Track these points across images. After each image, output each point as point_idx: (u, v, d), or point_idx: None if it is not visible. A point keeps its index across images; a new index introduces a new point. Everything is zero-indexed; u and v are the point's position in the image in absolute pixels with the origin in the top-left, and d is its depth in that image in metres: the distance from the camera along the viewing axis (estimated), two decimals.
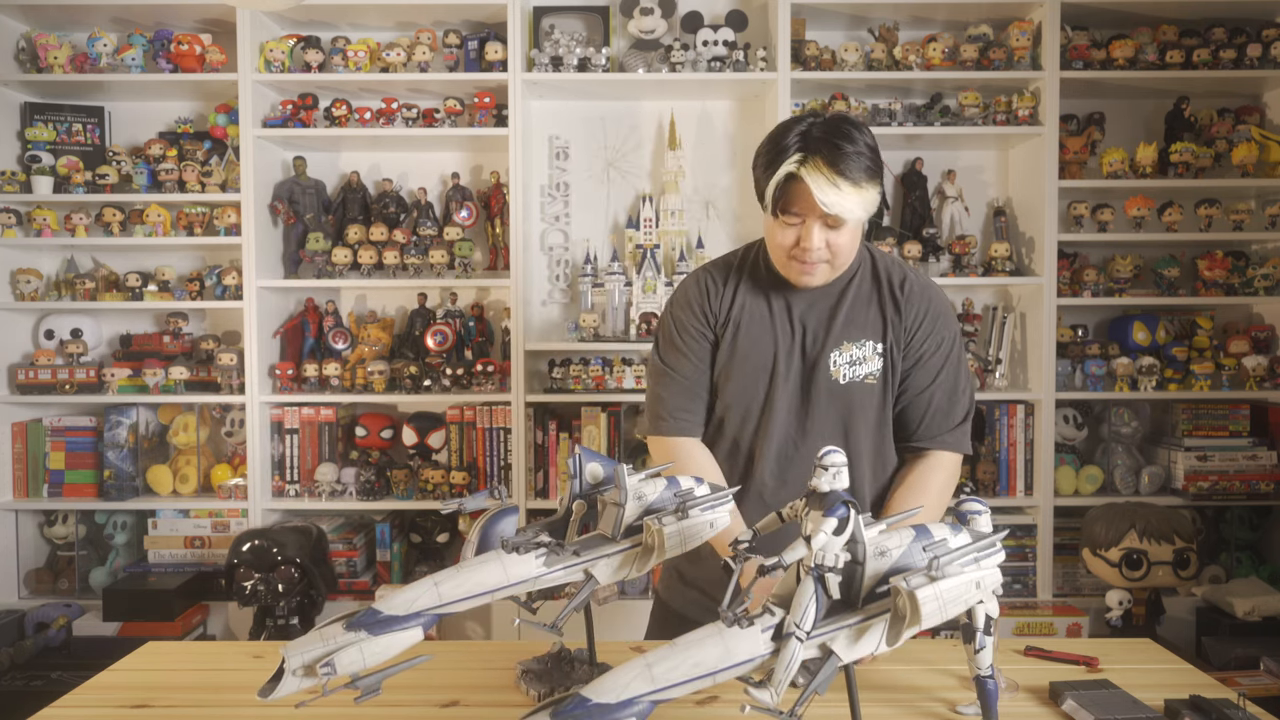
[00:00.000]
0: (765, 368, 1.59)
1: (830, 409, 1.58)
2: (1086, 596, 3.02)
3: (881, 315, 1.59)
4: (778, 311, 1.61)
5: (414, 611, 1.02)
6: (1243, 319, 3.23)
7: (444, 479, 3.02)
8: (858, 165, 1.44)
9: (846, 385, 1.57)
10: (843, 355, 1.57)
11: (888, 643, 1.01)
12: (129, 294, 3.08)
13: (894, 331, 1.59)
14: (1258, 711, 1.18)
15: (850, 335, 1.58)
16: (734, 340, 1.61)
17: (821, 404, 1.58)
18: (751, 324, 1.61)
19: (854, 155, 1.44)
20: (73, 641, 2.88)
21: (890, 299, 1.60)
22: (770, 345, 1.59)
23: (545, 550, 1.12)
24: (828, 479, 1.00)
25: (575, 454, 1.25)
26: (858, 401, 1.58)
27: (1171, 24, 3.03)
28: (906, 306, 1.59)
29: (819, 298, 1.60)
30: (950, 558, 1.01)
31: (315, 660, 0.97)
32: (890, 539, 1.04)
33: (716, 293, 1.63)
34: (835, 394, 1.57)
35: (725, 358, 1.61)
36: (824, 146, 1.43)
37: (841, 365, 1.57)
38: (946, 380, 1.60)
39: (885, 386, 1.59)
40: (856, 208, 1.45)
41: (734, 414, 1.62)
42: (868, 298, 1.61)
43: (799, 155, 1.44)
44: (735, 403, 1.61)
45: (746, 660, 0.95)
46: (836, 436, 1.58)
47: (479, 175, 3.25)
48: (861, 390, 1.58)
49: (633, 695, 0.90)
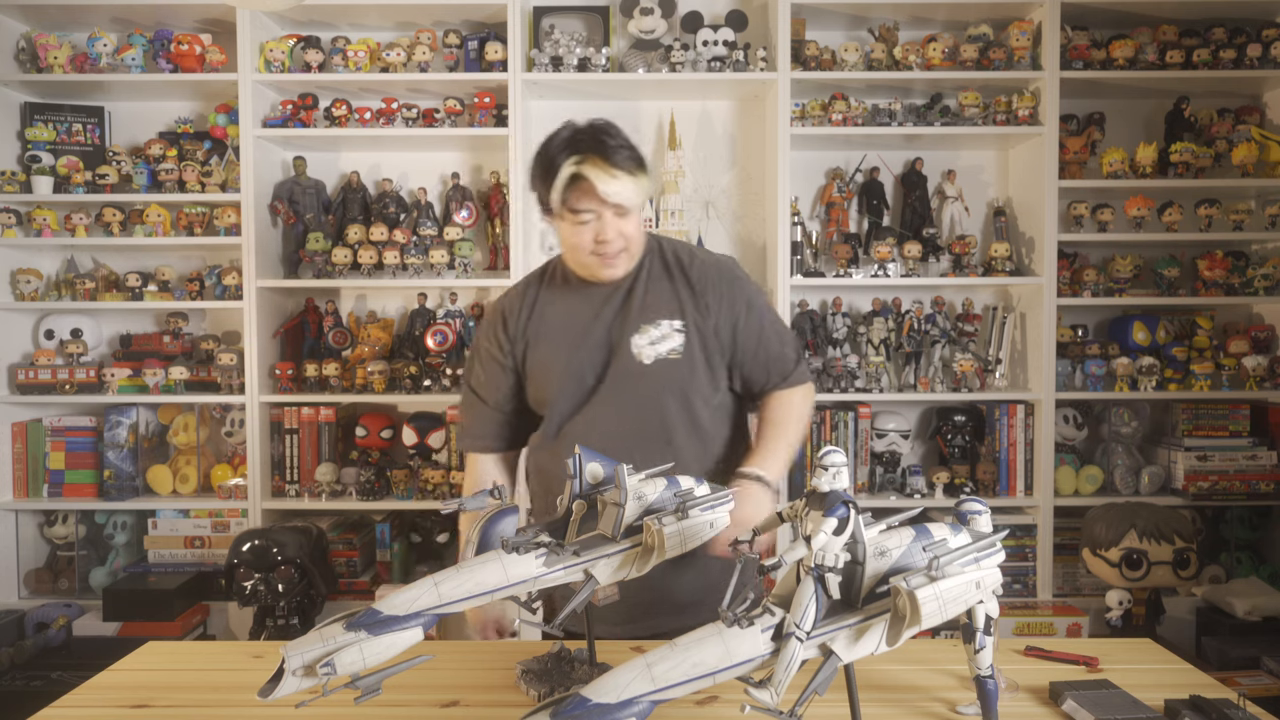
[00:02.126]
0: (573, 364, 1.68)
1: (641, 387, 1.66)
2: (1086, 596, 3.02)
3: (676, 295, 1.69)
4: (576, 313, 1.70)
5: (414, 611, 1.02)
6: (1243, 319, 3.23)
7: (444, 479, 3.02)
8: (625, 156, 1.58)
9: (652, 364, 1.65)
10: (643, 337, 1.66)
11: (888, 643, 1.01)
12: (129, 294, 3.08)
13: (693, 307, 1.68)
14: (1258, 711, 1.18)
15: (647, 318, 1.67)
16: (538, 350, 1.71)
17: (631, 384, 1.66)
18: (551, 331, 1.71)
19: (619, 148, 1.58)
20: (73, 641, 2.88)
21: (682, 278, 1.71)
22: (571, 345, 1.69)
23: (545, 550, 1.12)
24: (827, 479, 1.00)
25: (575, 454, 1.25)
26: (664, 376, 1.66)
27: (1171, 24, 3.03)
28: (700, 282, 1.70)
29: (612, 292, 1.70)
30: (950, 558, 1.01)
31: (315, 660, 0.97)
32: (890, 539, 1.04)
33: (514, 313, 1.74)
34: (643, 374, 1.65)
35: (534, 368, 1.71)
36: (592, 145, 1.57)
37: (643, 347, 1.66)
38: (771, 330, 1.73)
39: (691, 359, 1.67)
40: (635, 194, 1.59)
41: (555, 414, 1.70)
42: (659, 280, 1.71)
43: (575, 157, 1.56)
44: (553, 404, 1.69)
45: (746, 660, 0.95)
46: (652, 410, 1.66)
47: (479, 175, 3.25)
48: (667, 365, 1.66)
49: (633, 695, 0.90)
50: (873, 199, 3.17)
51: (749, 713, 0.94)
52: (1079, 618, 2.82)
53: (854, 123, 3.00)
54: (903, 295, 3.14)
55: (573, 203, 1.58)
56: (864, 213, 3.19)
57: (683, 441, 1.66)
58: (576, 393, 1.68)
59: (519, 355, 1.73)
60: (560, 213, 1.61)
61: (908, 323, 3.06)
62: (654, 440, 1.65)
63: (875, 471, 3.08)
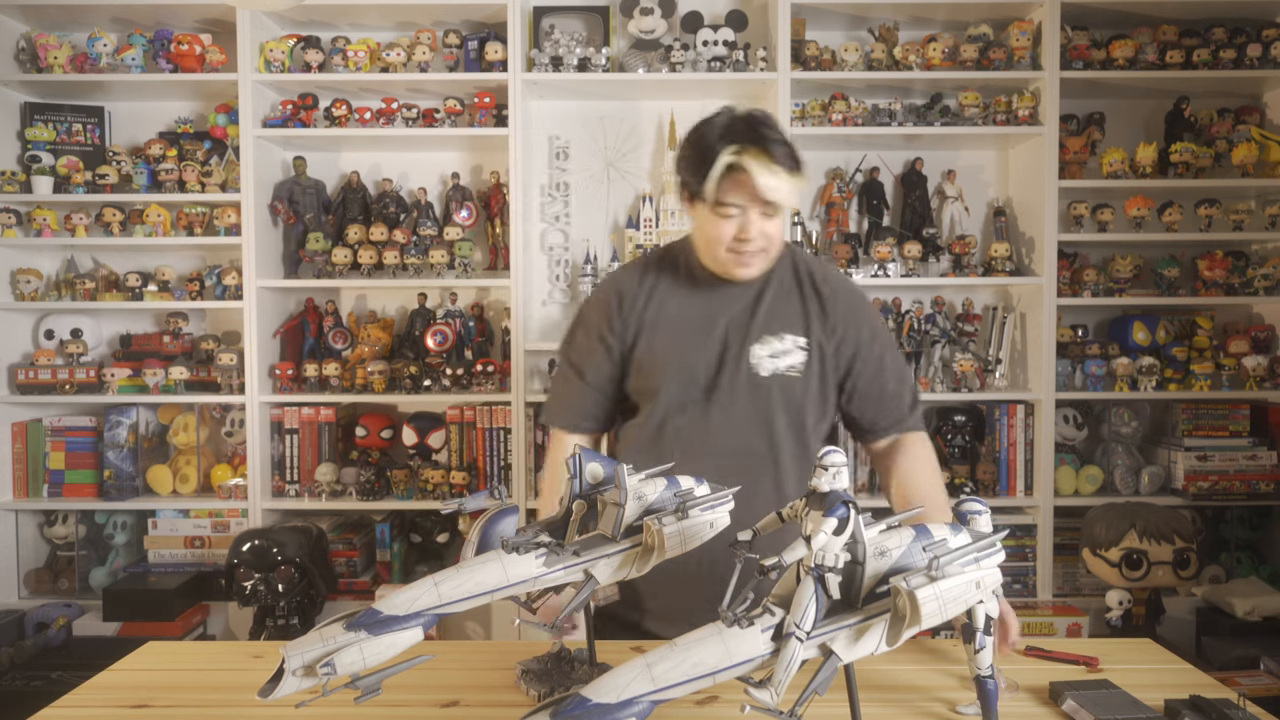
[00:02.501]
0: (684, 364, 1.62)
1: (751, 401, 1.60)
2: (1086, 596, 3.01)
3: (804, 310, 1.63)
4: (697, 309, 1.64)
5: (414, 611, 1.02)
6: (1243, 319, 3.23)
7: (444, 479, 3.02)
8: (785, 153, 1.50)
9: (769, 377, 1.60)
10: (764, 348, 1.60)
11: (888, 643, 1.01)
12: (129, 294, 3.08)
13: (819, 326, 1.63)
14: (1258, 711, 1.18)
15: (771, 329, 1.61)
16: (651, 340, 1.64)
17: (742, 397, 1.60)
18: (669, 323, 1.64)
19: (780, 144, 1.50)
20: (73, 641, 2.88)
21: (813, 295, 1.65)
22: (689, 342, 1.62)
23: (545, 550, 1.12)
24: (827, 479, 1.00)
25: (575, 454, 1.25)
26: (779, 392, 1.60)
27: (1171, 24, 3.03)
28: (831, 302, 1.64)
29: (739, 294, 1.63)
30: (950, 558, 1.01)
31: (315, 660, 0.97)
32: (890, 539, 1.04)
33: (630, 296, 1.67)
34: (758, 386, 1.60)
35: (643, 356, 1.64)
36: (754, 136, 1.49)
37: (763, 358, 1.60)
38: (891, 366, 1.67)
39: (808, 379, 1.62)
40: (792, 193, 1.51)
41: (658, 411, 1.64)
42: (789, 292, 1.65)
43: (734, 146, 1.49)
44: (658, 401, 1.63)
45: (747, 660, 0.95)
46: (758, 429, 1.60)
47: (479, 175, 3.25)
48: (783, 382, 1.60)
49: (633, 695, 0.90)
50: (873, 199, 3.17)
51: (749, 713, 0.94)
52: (1079, 618, 2.82)
53: (854, 123, 3.00)
54: (903, 295, 3.14)
55: (723, 194, 1.51)
56: (864, 213, 3.19)
57: (789, 462, 1.61)
58: (686, 394, 1.62)
59: (629, 341, 1.65)
60: (707, 202, 1.53)
61: (908, 323, 3.06)
62: (762, 458, 1.61)
63: (875, 472, 3.08)
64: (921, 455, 1.67)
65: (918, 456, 1.66)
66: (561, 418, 1.72)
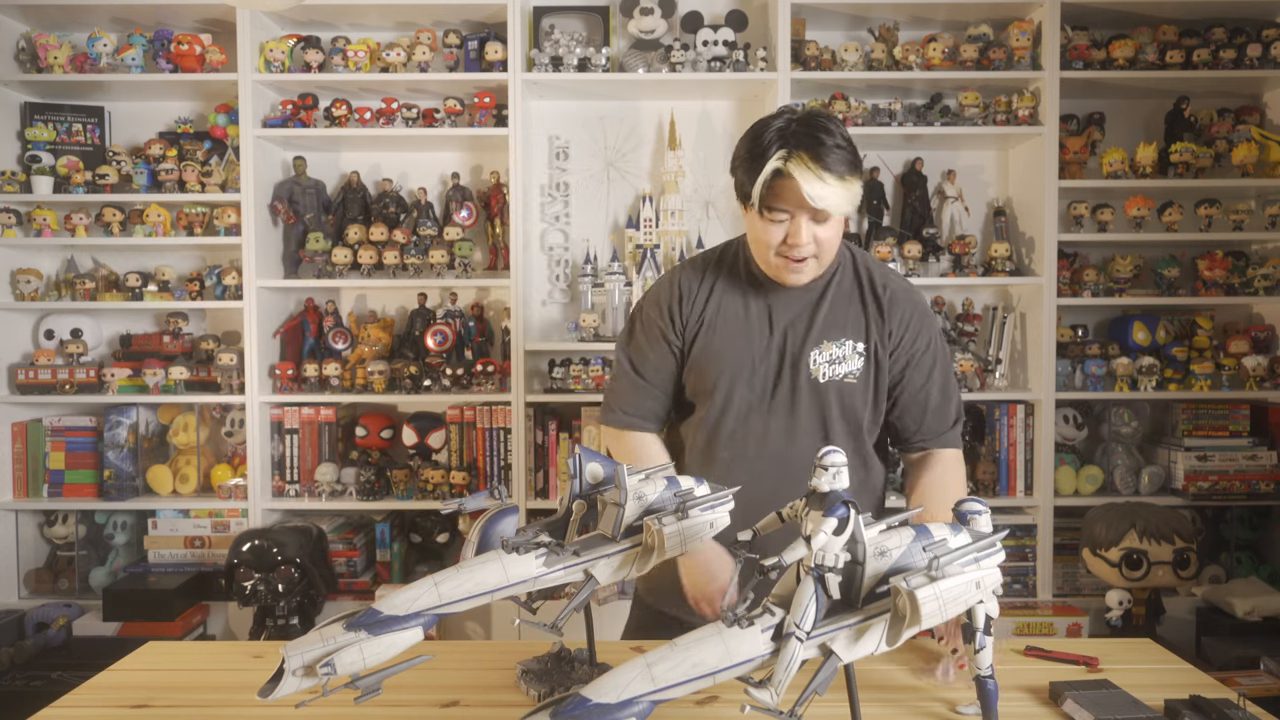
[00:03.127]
0: (742, 366, 1.59)
1: (809, 408, 1.58)
2: (1086, 596, 3.01)
3: (864, 315, 1.61)
4: (756, 310, 1.61)
5: (414, 611, 1.02)
6: (1243, 319, 3.23)
7: (444, 479, 3.02)
8: (839, 158, 1.45)
9: (826, 384, 1.58)
10: (822, 354, 1.58)
11: (888, 643, 1.01)
12: (129, 294, 3.08)
13: (877, 332, 1.60)
14: (1258, 711, 1.18)
15: (830, 334, 1.59)
16: (709, 339, 1.61)
17: (801, 403, 1.58)
18: (727, 323, 1.61)
19: (835, 149, 1.45)
20: (73, 641, 2.88)
21: (873, 299, 1.62)
22: (748, 343, 1.60)
23: (545, 550, 1.12)
24: (827, 479, 1.00)
25: (575, 454, 1.25)
26: (837, 400, 1.58)
27: (1171, 24, 3.03)
28: (891, 308, 1.61)
29: (798, 296, 1.60)
30: (950, 558, 1.01)
31: (315, 660, 0.97)
32: (890, 539, 1.04)
33: (690, 294, 1.64)
34: (815, 392, 1.58)
35: (700, 356, 1.62)
36: (806, 141, 1.45)
37: (821, 364, 1.58)
38: (939, 378, 1.63)
39: (867, 386, 1.60)
40: (842, 201, 1.46)
41: (710, 411, 1.62)
42: (849, 296, 1.62)
43: (783, 151, 1.45)
44: (711, 400, 1.61)
45: (747, 660, 0.95)
46: (815, 435, 1.58)
47: (479, 175, 3.25)
48: (841, 389, 1.58)
49: (633, 695, 0.90)
50: (873, 199, 3.16)
51: (749, 713, 0.94)
52: (1079, 618, 2.81)
53: (854, 123, 3.00)
54: None
55: (772, 199, 1.48)
56: (864, 213, 3.19)
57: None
58: (742, 397, 1.60)
59: (688, 338, 1.63)
60: (756, 207, 1.51)
61: None
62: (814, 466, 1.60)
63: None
64: (950, 471, 1.63)
65: (946, 471, 1.63)
66: (621, 416, 1.69)
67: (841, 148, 1.46)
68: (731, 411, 1.60)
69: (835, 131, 1.47)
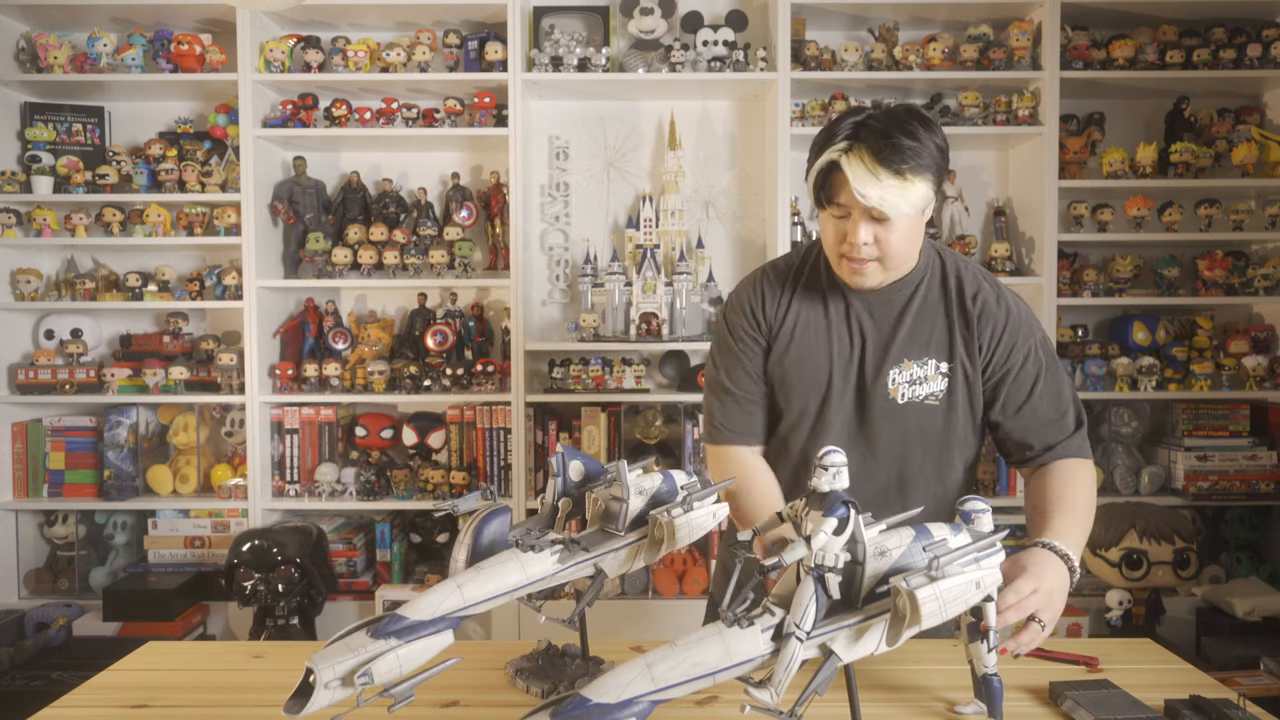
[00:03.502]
0: (820, 380, 1.50)
1: (887, 428, 1.48)
2: (1086, 596, 3.01)
3: (949, 330, 1.48)
4: (835, 320, 1.51)
5: (439, 615, 1.02)
6: (1243, 319, 3.23)
7: (444, 479, 3.02)
8: (903, 157, 1.31)
9: (905, 405, 1.47)
10: (903, 374, 1.47)
11: (888, 643, 1.01)
12: (129, 294, 3.08)
13: (965, 348, 1.47)
14: (1258, 711, 1.18)
15: (912, 353, 1.47)
16: (788, 348, 1.52)
17: (877, 422, 1.48)
18: (807, 332, 1.51)
19: (904, 147, 1.31)
20: (73, 641, 2.88)
21: (960, 312, 1.49)
22: (826, 356, 1.50)
23: (561, 548, 1.14)
24: (827, 479, 0.99)
25: (559, 452, 1.27)
26: (916, 422, 1.48)
27: (1171, 24, 3.03)
28: (981, 322, 1.47)
29: (880, 305, 1.49)
30: (950, 558, 1.01)
31: (350, 671, 0.95)
32: (890, 539, 1.03)
33: (772, 297, 1.55)
34: (893, 414, 1.48)
35: (778, 366, 1.53)
36: (873, 136, 1.32)
37: (901, 384, 1.47)
38: (1046, 390, 1.49)
39: (951, 409, 1.48)
40: (900, 202, 1.33)
41: (787, 424, 1.54)
42: (934, 309, 1.49)
43: (845, 144, 1.34)
44: (789, 412, 1.53)
45: (746, 660, 0.95)
46: (893, 457, 1.50)
47: (479, 175, 3.25)
48: (921, 411, 1.47)
49: (633, 695, 0.90)
50: None
51: (749, 713, 0.94)
52: (1079, 618, 2.82)
53: None
54: None
55: (828, 194, 1.38)
56: None
57: (918, 499, 1.47)
58: (815, 413, 1.50)
59: (770, 342, 1.54)
60: (814, 197, 1.42)
61: None
62: (890, 491, 1.50)
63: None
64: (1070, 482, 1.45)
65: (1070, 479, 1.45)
66: (720, 432, 1.58)
67: (914, 148, 1.32)
68: (802, 428, 1.52)
69: (915, 131, 1.33)
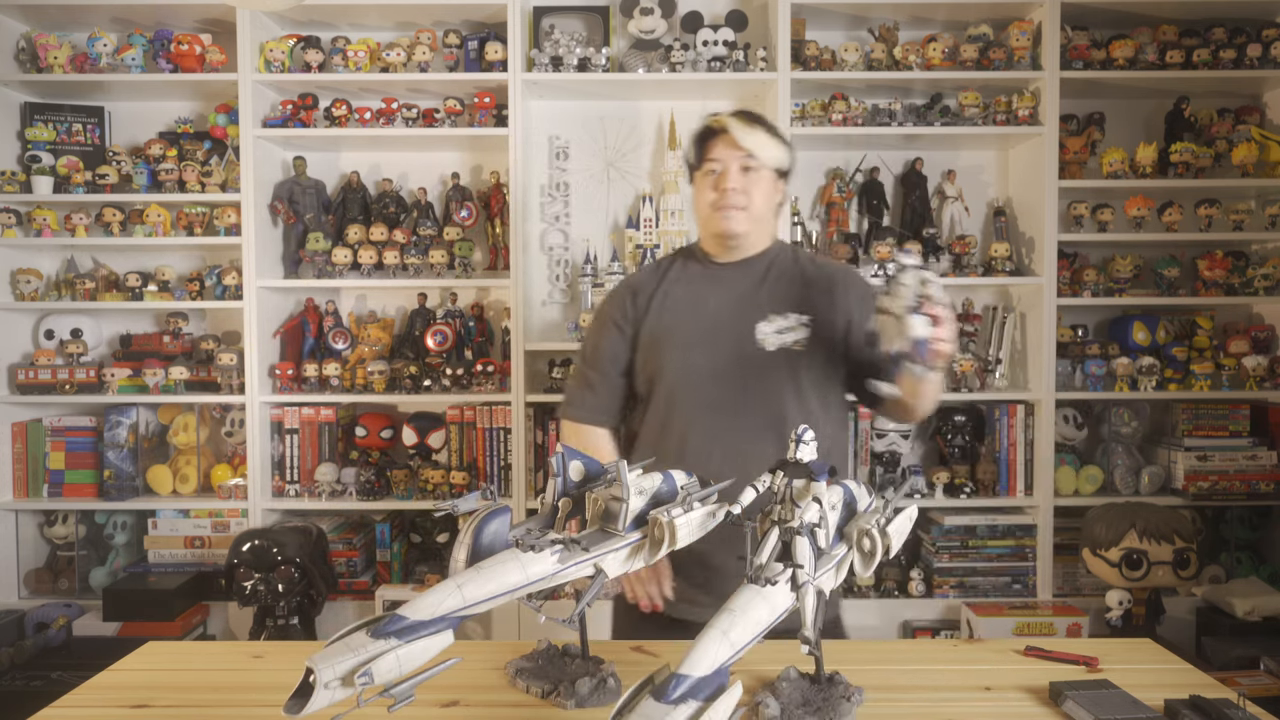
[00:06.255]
0: (691, 341, 1.72)
1: (759, 375, 1.69)
2: (1086, 596, 3.01)
3: (805, 290, 1.75)
4: (703, 291, 1.77)
5: (439, 615, 1.02)
6: (1243, 319, 3.23)
7: (444, 479, 3.02)
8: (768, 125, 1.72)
9: (775, 351, 1.69)
10: (770, 325, 1.70)
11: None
12: (129, 294, 3.08)
13: (821, 305, 1.73)
14: (1258, 711, 1.18)
15: (775, 308, 1.72)
16: (660, 318, 1.76)
17: (750, 372, 1.69)
18: (676, 304, 1.76)
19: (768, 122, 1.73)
20: (73, 641, 2.88)
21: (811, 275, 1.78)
22: (694, 320, 1.74)
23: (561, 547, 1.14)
24: (808, 451, 1.17)
25: (559, 453, 1.28)
26: (786, 366, 1.69)
27: (1171, 24, 3.03)
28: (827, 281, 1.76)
29: (741, 277, 1.77)
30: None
31: (350, 671, 0.95)
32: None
33: (645, 287, 1.80)
34: (764, 361, 1.69)
35: (648, 335, 1.75)
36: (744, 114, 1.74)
37: (769, 334, 1.70)
38: None
39: (813, 353, 1.70)
40: (771, 148, 1.70)
41: (664, 386, 1.73)
42: (790, 278, 1.77)
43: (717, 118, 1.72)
44: (663, 376, 1.73)
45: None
46: (768, 403, 1.68)
47: (479, 175, 3.25)
48: (790, 356, 1.69)
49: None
50: (873, 199, 3.17)
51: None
52: (1079, 618, 2.82)
53: (854, 123, 3.00)
54: None
55: (705, 153, 1.71)
56: (864, 213, 3.19)
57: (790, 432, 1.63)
58: (693, 367, 1.71)
59: (638, 323, 1.78)
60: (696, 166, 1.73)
61: None
62: (768, 431, 1.66)
63: (875, 471, 3.08)
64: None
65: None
66: (578, 412, 1.82)
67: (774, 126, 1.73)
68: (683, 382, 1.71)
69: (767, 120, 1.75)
